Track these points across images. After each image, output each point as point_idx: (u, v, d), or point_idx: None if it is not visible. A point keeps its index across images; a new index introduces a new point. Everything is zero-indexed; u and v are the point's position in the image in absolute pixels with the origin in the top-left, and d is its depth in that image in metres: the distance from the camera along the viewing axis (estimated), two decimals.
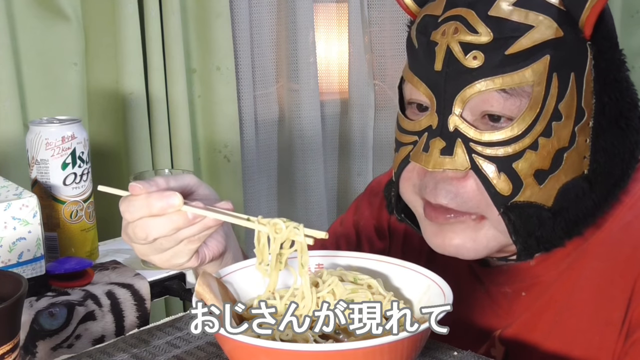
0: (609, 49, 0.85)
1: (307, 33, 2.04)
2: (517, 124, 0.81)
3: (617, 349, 0.85)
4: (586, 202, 0.85)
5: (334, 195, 2.25)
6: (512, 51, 0.81)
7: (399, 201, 0.94)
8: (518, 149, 0.82)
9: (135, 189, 0.80)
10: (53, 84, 1.64)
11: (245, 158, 2.00)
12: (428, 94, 0.85)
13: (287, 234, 0.75)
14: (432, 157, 0.83)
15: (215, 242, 0.88)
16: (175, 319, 0.95)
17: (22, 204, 1.02)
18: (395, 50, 2.22)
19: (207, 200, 0.83)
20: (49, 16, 1.61)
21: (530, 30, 0.81)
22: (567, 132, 0.83)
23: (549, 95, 0.81)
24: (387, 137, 2.26)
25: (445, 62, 0.83)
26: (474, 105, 0.82)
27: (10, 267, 1.01)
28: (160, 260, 0.85)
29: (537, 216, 0.83)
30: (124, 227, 0.83)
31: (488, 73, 0.81)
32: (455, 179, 0.84)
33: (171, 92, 1.81)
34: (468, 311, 0.96)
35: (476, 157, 0.82)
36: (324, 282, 0.76)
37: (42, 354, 1.00)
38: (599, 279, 0.87)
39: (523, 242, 0.85)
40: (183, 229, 0.80)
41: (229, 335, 0.66)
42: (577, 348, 0.87)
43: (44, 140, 1.13)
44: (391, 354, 0.66)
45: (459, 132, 0.83)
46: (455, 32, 0.82)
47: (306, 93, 2.07)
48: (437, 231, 0.88)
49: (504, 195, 0.83)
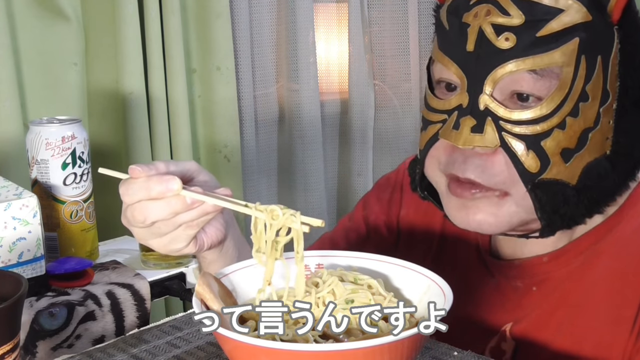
0: (635, 33, 0.87)
1: (307, 33, 2.04)
2: (546, 104, 0.83)
3: (628, 347, 0.85)
4: (608, 181, 0.87)
5: (334, 195, 2.25)
6: (543, 33, 0.83)
7: (422, 179, 0.95)
8: (547, 128, 0.84)
9: (135, 172, 0.81)
10: (53, 84, 1.64)
11: (245, 158, 2.00)
12: (459, 73, 0.87)
13: (284, 221, 0.76)
14: (462, 135, 0.85)
15: (214, 230, 0.88)
16: (175, 319, 0.95)
17: (22, 204, 1.02)
18: (395, 50, 2.22)
19: (207, 186, 0.84)
20: (49, 16, 1.61)
21: (560, 14, 0.83)
22: (593, 112, 0.85)
23: (577, 77, 0.83)
24: (387, 137, 2.26)
25: (478, 43, 0.85)
26: (504, 85, 0.84)
27: (10, 267, 1.01)
28: (158, 244, 0.85)
29: (562, 193, 0.85)
30: (124, 210, 0.84)
31: (519, 54, 0.83)
32: (484, 154, 0.86)
33: (171, 92, 1.81)
34: (477, 304, 0.97)
35: (505, 135, 0.84)
36: (324, 282, 0.76)
37: (42, 354, 1.00)
38: (612, 278, 0.88)
39: (548, 218, 0.87)
40: (181, 214, 0.80)
41: (229, 335, 0.66)
42: (587, 346, 0.88)
43: (44, 140, 1.13)
44: (391, 354, 0.66)
45: (489, 110, 0.85)
46: (488, 14, 0.84)
47: (306, 93, 2.07)
48: (460, 206, 0.89)
49: (531, 172, 0.85)
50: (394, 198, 1.10)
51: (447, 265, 1.02)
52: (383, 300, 0.75)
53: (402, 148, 2.24)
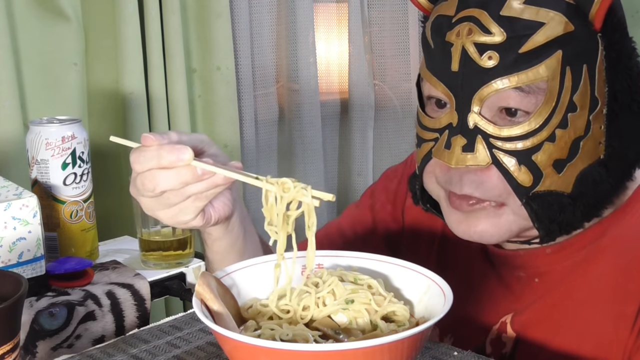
0: (620, 38, 0.87)
1: (307, 33, 2.04)
2: (534, 119, 0.84)
3: (629, 343, 0.85)
4: (604, 186, 0.88)
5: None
6: (526, 49, 0.83)
7: (423, 193, 0.96)
8: (536, 142, 0.84)
9: (148, 140, 0.81)
10: (53, 84, 1.64)
11: (245, 158, 2.00)
12: (446, 92, 0.87)
13: (295, 194, 0.75)
14: (454, 155, 0.86)
15: (222, 205, 0.88)
16: (175, 319, 0.95)
17: (22, 204, 1.02)
18: (395, 50, 2.22)
19: (217, 160, 0.83)
20: (49, 16, 1.61)
21: (542, 27, 0.83)
22: (583, 121, 0.85)
23: (563, 89, 0.84)
24: (387, 137, 2.26)
25: (462, 63, 0.85)
26: (491, 103, 0.85)
27: (10, 267, 1.01)
28: (166, 215, 0.85)
29: (557, 203, 0.86)
30: (133, 179, 0.83)
31: (503, 72, 0.83)
32: (479, 170, 0.86)
33: (171, 92, 1.81)
34: (480, 294, 0.97)
35: (496, 152, 0.85)
36: (324, 282, 0.76)
37: (42, 354, 1.00)
38: (615, 273, 0.88)
39: (545, 228, 0.88)
40: (191, 185, 0.80)
41: (229, 335, 0.66)
42: (589, 341, 0.88)
43: (44, 140, 1.13)
44: (391, 354, 0.66)
45: (478, 128, 0.85)
46: (470, 33, 0.85)
47: (306, 93, 2.07)
48: (461, 219, 0.90)
49: (525, 186, 0.85)
50: (400, 189, 1.11)
51: (451, 256, 1.03)
52: (383, 301, 0.75)
53: (402, 148, 2.24)
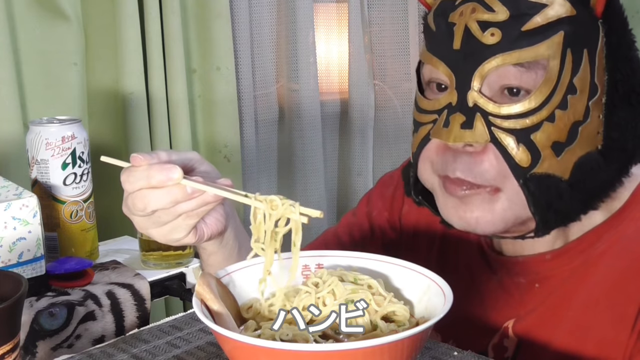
0: (620, 27, 0.88)
1: (307, 33, 2.04)
2: (535, 97, 0.84)
3: (630, 345, 0.86)
4: (601, 176, 0.88)
5: (334, 195, 2.25)
6: (528, 27, 0.84)
7: (416, 183, 0.96)
8: (536, 121, 0.84)
9: (137, 160, 0.81)
10: (53, 84, 1.64)
11: (245, 158, 2.00)
12: (447, 72, 0.87)
13: (283, 211, 0.76)
14: (452, 131, 0.86)
15: (215, 220, 0.88)
16: (175, 319, 0.95)
17: (22, 204, 1.02)
18: (395, 50, 2.22)
19: (208, 177, 0.84)
20: (49, 16, 1.61)
21: (544, 8, 0.84)
22: (582, 105, 0.85)
23: (564, 69, 0.84)
24: (387, 137, 2.26)
25: (464, 41, 0.86)
26: (492, 80, 0.85)
27: (10, 267, 1.01)
28: (158, 234, 0.85)
29: (555, 187, 0.86)
30: (125, 199, 0.84)
31: (505, 48, 0.84)
32: (474, 153, 0.86)
33: (171, 92, 1.81)
34: (480, 300, 0.97)
35: (495, 130, 0.85)
36: (324, 282, 0.76)
37: (42, 354, 1.00)
38: (615, 276, 0.89)
39: (541, 213, 0.87)
40: (181, 203, 0.81)
41: (229, 335, 0.66)
42: (590, 343, 0.88)
43: (44, 140, 1.13)
44: (391, 353, 0.66)
45: (478, 106, 0.85)
46: (473, 12, 0.85)
47: (306, 93, 2.07)
48: (456, 204, 0.89)
49: (523, 166, 0.85)
50: (397, 195, 1.11)
51: (450, 262, 1.03)
52: (383, 301, 0.75)
53: (402, 148, 2.24)
